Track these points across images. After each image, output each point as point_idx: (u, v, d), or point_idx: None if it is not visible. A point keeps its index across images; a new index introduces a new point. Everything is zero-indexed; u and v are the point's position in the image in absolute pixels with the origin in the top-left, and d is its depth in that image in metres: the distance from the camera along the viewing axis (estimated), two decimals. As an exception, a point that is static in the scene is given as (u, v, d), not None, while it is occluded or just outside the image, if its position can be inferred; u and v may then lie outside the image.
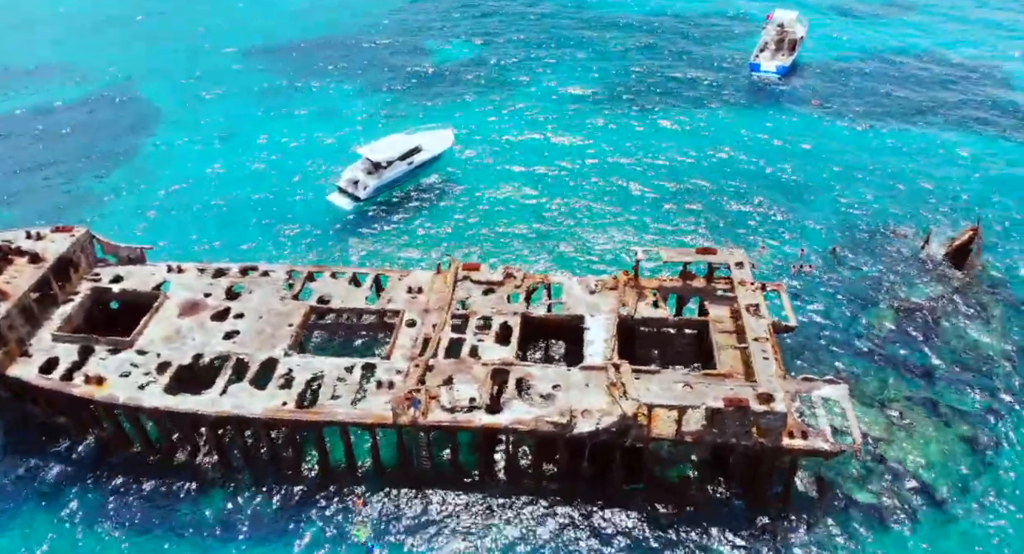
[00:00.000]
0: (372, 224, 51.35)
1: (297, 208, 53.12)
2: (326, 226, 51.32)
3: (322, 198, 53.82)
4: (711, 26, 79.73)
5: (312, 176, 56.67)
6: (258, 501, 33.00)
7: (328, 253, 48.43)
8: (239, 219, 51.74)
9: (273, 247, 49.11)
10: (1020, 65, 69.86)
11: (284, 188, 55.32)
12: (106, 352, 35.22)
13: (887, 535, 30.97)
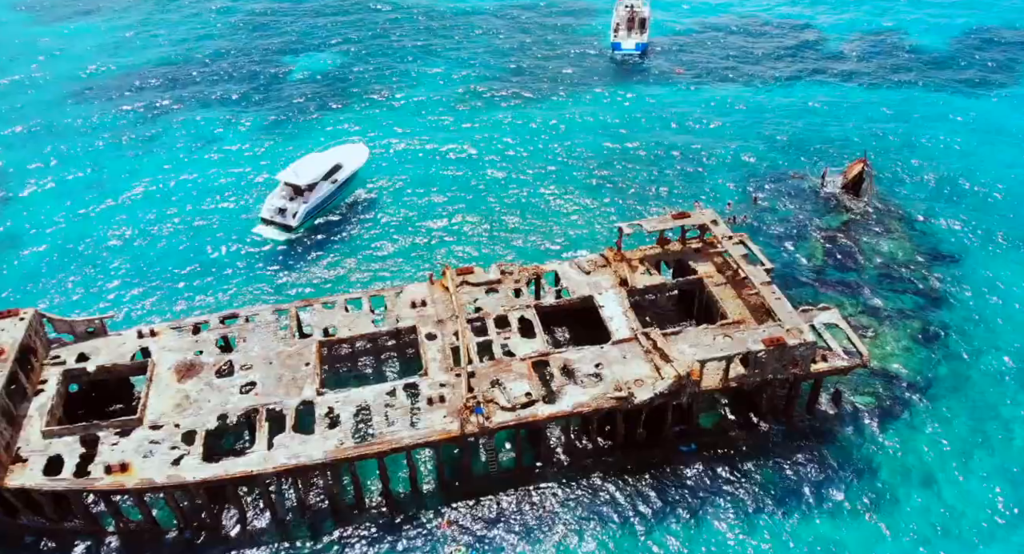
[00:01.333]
0: (311, 251, 49.41)
1: (221, 249, 49.70)
2: (262, 261, 48.60)
3: (245, 234, 50.78)
4: (563, 12, 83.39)
5: (222, 213, 53.08)
6: (336, 550, 31.73)
7: (275, 289, 46.06)
8: (159, 274, 47.35)
9: (211, 294, 45.74)
10: (830, 21, 79.94)
11: (195, 231, 51.37)
12: (114, 436, 31.86)
13: (893, 424, 36.11)
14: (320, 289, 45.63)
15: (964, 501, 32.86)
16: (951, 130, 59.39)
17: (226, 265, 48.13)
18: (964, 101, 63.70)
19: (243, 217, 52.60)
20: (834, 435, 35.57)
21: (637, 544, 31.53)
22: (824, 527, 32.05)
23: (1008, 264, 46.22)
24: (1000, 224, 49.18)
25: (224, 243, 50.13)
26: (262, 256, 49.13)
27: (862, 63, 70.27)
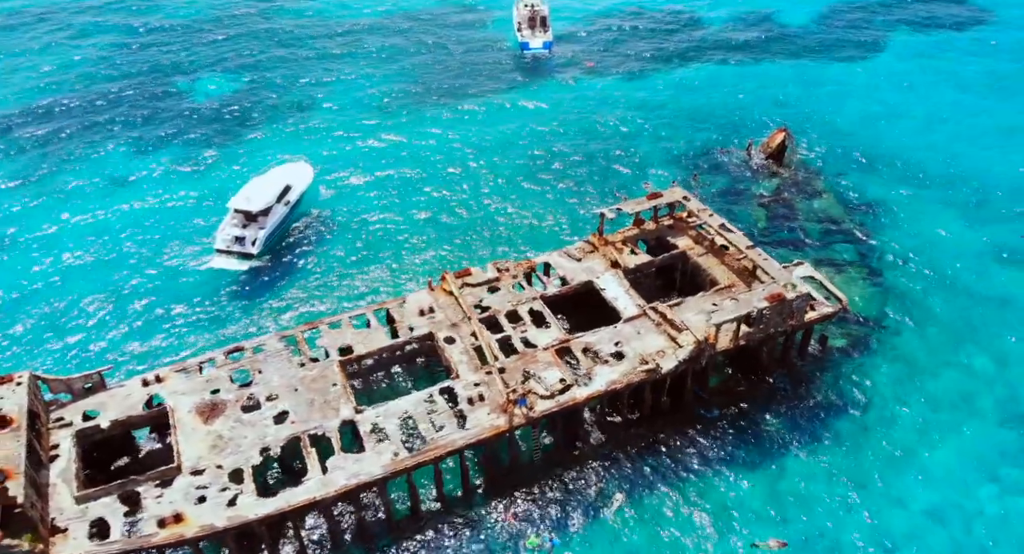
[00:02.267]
0: (278, 278, 48.04)
1: (178, 290, 47.00)
2: (227, 294, 46.66)
3: (200, 268, 48.67)
4: (458, 16, 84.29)
5: (166, 250, 50.32)
6: (408, 561, 31.85)
7: (250, 321, 44.64)
8: (118, 323, 44.32)
9: (184, 335, 43.54)
10: (705, 4, 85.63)
11: (144, 273, 48.31)
12: (156, 488, 30.31)
13: (870, 358, 40.56)
14: (300, 313, 44.77)
15: (937, 409, 37.83)
16: (838, 95, 65.91)
17: (190, 303, 45.78)
18: (842, 67, 70.72)
19: (190, 250, 50.22)
20: (828, 375, 39.46)
21: (689, 501, 33.78)
22: (842, 456, 35.70)
23: (918, 205, 52.34)
24: (899, 172, 55.44)
25: (180, 281, 47.69)
26: (226, 289, 47.23)
27: (746, 42, 76.07)
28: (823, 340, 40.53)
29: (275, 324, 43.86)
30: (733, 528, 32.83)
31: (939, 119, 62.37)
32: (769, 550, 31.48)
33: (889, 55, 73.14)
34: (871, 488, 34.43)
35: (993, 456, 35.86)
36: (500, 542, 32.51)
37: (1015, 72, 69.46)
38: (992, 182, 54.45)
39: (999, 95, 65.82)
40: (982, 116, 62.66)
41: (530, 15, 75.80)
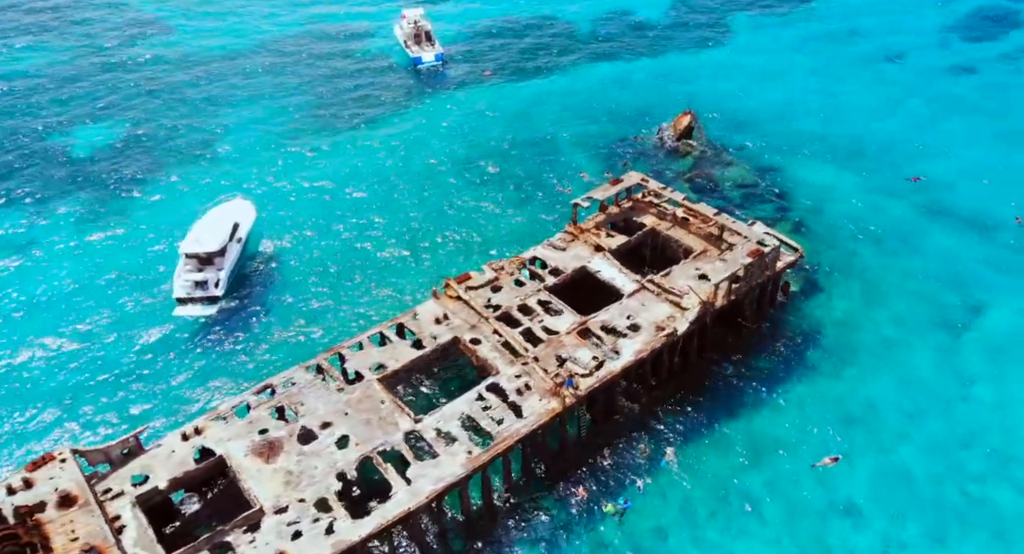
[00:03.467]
0: (250, 317, 46.72)
1: (149, 349, 44.34)
2: (201, 344, 44.71)
3: (164, 322, 46.18)
4: (336, 39, 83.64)
5: (117, 310, 47.28)
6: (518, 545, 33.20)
7: (238, 364, 43.34)
8: (96, 395, 41.26)
9: (171, 395, 41.24)
10: (573, 10, 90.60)
11: (101, 339, 45.18)
12: (245, 534, 29.52)
13: (821, 294, 46.70)
14: (290, 347, 44.15)
15: (879, 323, 44.86)
16: (712, 77, 73.13)
17: (167, 360, 43.62)
18: (708, 53, 78.42)
19: (147, 303, 47.66)
20: (797, 314, 44.97)
21: (730, 443, 37.67)
22: (832, 377, 41.22)
23: (810, 162, 59.88)
24: (787, 138, 62.93)
25: (147, 338, 45.13)
26: (200, 336, 45.40)
27: (620, 40, 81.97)
28: (785, 287, 45.94)
29: (269, 363, 42.96)
30: (780, 456, 37.19)
31: (805, 89, 71.10)
32: (826, 467, 35.94)
33: (742, 38, 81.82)
34: (872, 394, 40.44)
35: (938, 352, 42.94)
36: (577, 517, 34.59)
37: (845, 43, 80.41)
38: (862, 138, 63.23)
39: (839, 63, 75.95)
40: (835, 83, 72.19)
41: (415, 31, 77.45)
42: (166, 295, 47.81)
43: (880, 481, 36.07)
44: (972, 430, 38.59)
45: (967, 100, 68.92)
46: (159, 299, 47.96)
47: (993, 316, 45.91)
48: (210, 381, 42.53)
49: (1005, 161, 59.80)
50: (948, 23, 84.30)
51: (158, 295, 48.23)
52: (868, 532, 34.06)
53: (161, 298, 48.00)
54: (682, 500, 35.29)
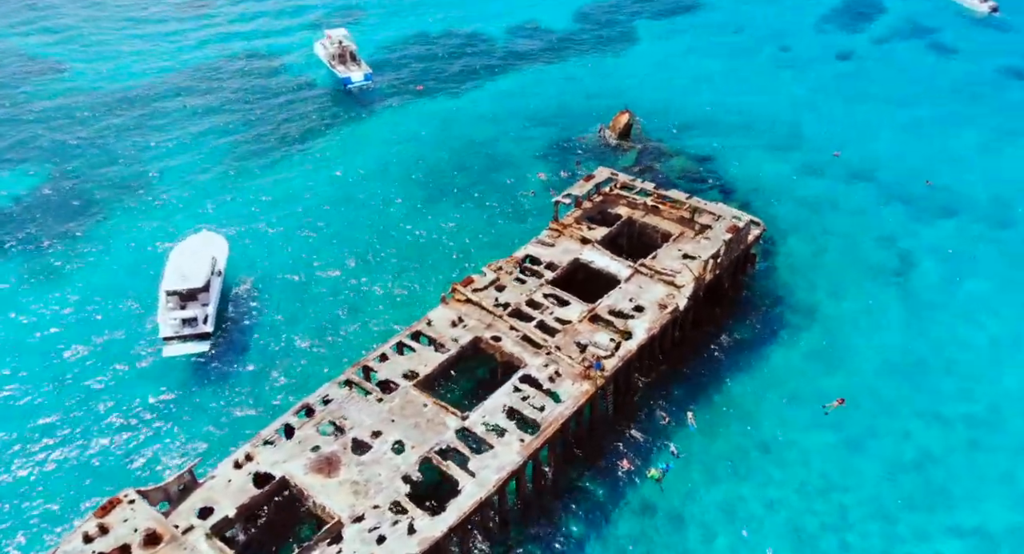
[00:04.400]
0: (245, 351, 45.94)
1: (143, 392, 43.06)
2: (198, 382, 43.67)
3: (152, 369, 44.67)
4: (248, 64, 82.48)
5: (102, 359, 45.48)
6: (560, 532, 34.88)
7: (242, 401, 42.66)
8: (103, 452, 39.69)
9: (175, 440, 40.28)
10: (489, 24, 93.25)
11: (90, 393, 43.01)
12: (329, 547, 29.89)
13: (780, 262, 51.37)
14: (294, 373, 44.12)
15: (843, 269, 50.46)
16: (631, 77, 77.81)
17: (164, 402, 42.44)
18: (623, 56, 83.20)
19: (133, 351, 46.05)
20: (766, 281, 49.40)
21: (740, 399, 41.40)
22: (814, 331, 45.94)
23: (737, 147, 65.18)
24: (712, 126, 68.29)
25: (141, 384, 43.71)
26: (197, 375, 44.48)
27: (535, 50, 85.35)
28: (753, 258, 50.18)
29: (277, 391, 42.85)
30: (785, 405, 41.20)
31: (715, 85, 76.81)
32: (834, 408, 39.95)
33: (647, 43, 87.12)
34: (842, 338, 45.67)
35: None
36: (621, 486, 36.94)
37: (737, 41, 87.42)
38: (776, 123, 69.38)
39: (738, 59, 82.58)
40: (740, 77, 78.50)
41: (339, 52, 77.80)
42: (147, 337, 46.50)
43: (868, 414, 40.73)
44: (926, 354, 44.73)
45: (855, 82, 76.90)
46: (142, 342, 46.54)
47: (921, 262, 52.25)
48: (220, 416, 41.92)
49: (903, 133, 67.46)
50: (822, 14, 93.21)
51: (139, 338, 46.81)
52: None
53: (145, 341, 46.59)
54: (711, 458, 38.44)
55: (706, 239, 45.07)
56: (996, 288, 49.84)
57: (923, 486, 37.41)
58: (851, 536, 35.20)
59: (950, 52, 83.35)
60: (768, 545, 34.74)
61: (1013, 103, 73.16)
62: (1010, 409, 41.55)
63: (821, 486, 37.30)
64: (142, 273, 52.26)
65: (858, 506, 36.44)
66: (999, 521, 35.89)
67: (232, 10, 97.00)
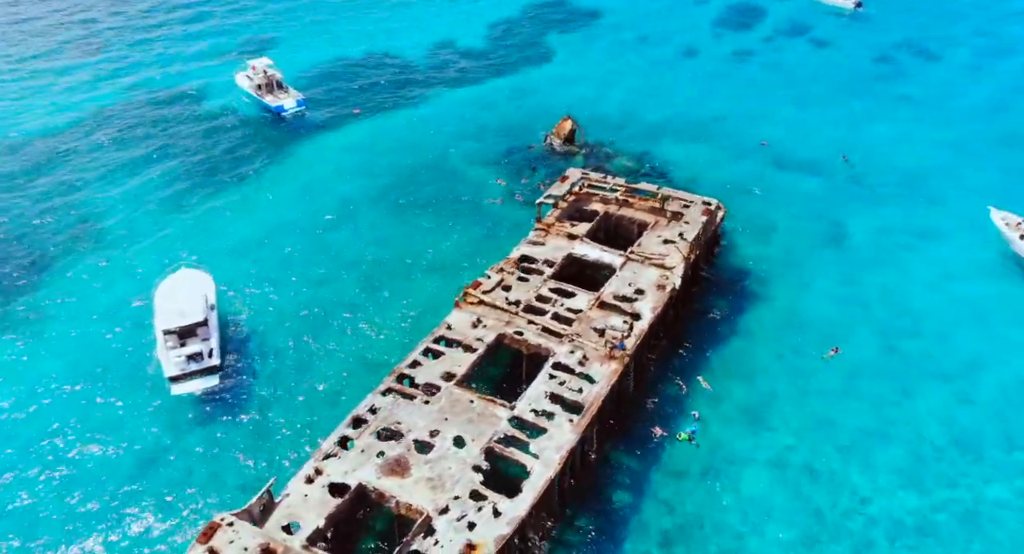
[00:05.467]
0: (252, 381, 45.86)
1: (158, 437, 42.20)
2: (218, 418, 43.53)
3: (162, 411, 43.94)
4: (177, 99, 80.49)
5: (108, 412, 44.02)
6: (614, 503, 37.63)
7: (268, 432, 42.74)
8: (121, 507, 38.74)
9: (209, 479, 39.95)
10: (410, 45, 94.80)
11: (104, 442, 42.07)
12: (426, 539, 31.25)
13: (739, 238, 56.41)
14: (312, 396, 44.71)
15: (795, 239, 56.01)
16: (561, 86, 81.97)
17: (186, 443, 41.88)
18: (546, 67, 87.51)
19: (133, 393, 45.06)
20: (732, 258, 54.32)
21: (742, 362, 45.81)
22: (783, 291, 51.14)
23: (671, 142, 70.65)
24: (645, 126, 73.51)
25: (152, 429, 42.98)
26: (210, 411, 44.13)
27: (458, 66, 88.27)
28: (718, 238, 54.95)
29: (298, 416, 43.36)
30: (783, 360, 45.93)
31: (634, 88, 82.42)
32: (831, 357, 44.98)
33: (562, 53, 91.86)
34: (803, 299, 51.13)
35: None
36: (658, 452, 40.22)
37: (643, 46, 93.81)
38: (700, 119, 75.47)
39: (648, 63, 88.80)
40: (654, 79, 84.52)
41: (266, 81, 77.67)
42: (149, 380, 45.69)
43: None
44: (871, 298, 51.45)
45: (757, 76, 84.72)
46: (147, 386, 45.59)
47: (853, 228, 58.84)
48: (249, 445, 41.94)
49: (809, 118, 75.20)
50: (712, 20, 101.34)
51: (142, 383, 45.84)
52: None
53: (149, 384, 45.65)
54: (729, 414, 42.42)
55: (686, 223, 49.33)
56: (911, 241, 57.26)
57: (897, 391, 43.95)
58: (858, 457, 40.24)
59: (828, 44, 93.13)
60: (795, 481, 38.97)
61: (885, 84, 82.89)
62: (931, 325, 49.16)
63: (826, 421, 42.41)
64: (120, 317, 51.07)
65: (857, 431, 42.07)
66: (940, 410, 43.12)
67: (136, 49, 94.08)
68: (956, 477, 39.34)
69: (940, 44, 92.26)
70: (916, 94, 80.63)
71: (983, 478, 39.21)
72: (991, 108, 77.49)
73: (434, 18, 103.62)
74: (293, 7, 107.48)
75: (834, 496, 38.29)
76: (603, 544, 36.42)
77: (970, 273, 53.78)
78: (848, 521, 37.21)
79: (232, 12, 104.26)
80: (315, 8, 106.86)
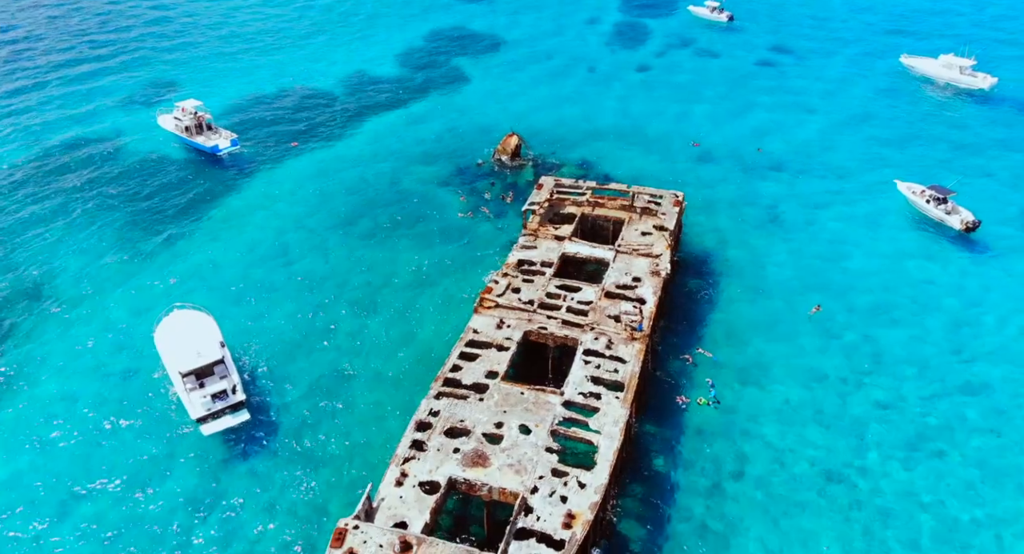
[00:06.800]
0: (279, 412, 46.33)
1: (199, 483, 41.78)
2: (254, 451, 43.72)
3: (197, 454, 43.49)
4: (95, 150, 76.79)
5: (135, 470, 42.99)
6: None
7: (300, 459, 43.45)
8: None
9: (266, 513, 40.30)
10: (328, 79, 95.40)
11: (140, 496, 41.26)
12: (527, 516, 33.68)
13: (694, 226, 62.37)
14: (344, 415, 45.86)
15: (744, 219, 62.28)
16: (483, 106, 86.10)
17: (231, 480, 42.06)
18: (462, 90, 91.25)
19: (163, 437, 44.34)
20: (693, 243, 60.09)
21: (725, 332, 51.06)
22: (747, 265, 57.04)
23: (610, 148, 76.34)
24: (584, 136, 78.88)
25: (191, 472, 42.59)
26: (245, 446, 44.19)
27: (382, 93, 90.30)
28: (681, 226, 60.48)
29: (339, 437, 44.50)
30: (765, 324, 51.61)
31: (553, 102, 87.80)
32: (817, 313, 51.13)
33: (478, 74, 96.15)
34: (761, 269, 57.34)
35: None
36: (683, 418, 44.59)
37: (550, 64, 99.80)
38: (619, 126, 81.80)
39: (560, 79, 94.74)
40: (572, 94, 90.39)
41: (195, 122, 76.70)
42: (175, 426, 45.16)
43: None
44: (820, 265, 58.85)
45: (663, 85, 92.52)
46: (172, 433, 44.93)
47: (784, 207, 66.48)
48: (293, 475, 42.46)
49: (718, 117, 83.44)
50: (606, 40, 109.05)
51: (165, 430, 45.12)
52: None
53: (174, 429, 45.03)
54: (732, 379, 47.47)
55: (663, 214, 54.45)
56: (835, 211, 65.69)
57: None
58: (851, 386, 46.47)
59: (715, 53, 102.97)
60: (801, 423, 44.59)
61: (772, 82, 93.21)
62: (875, 281, 56.52)
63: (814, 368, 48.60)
64: (116, 370, 49.69)
65: (834, 371, 48.68)
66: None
67: (41, 103, 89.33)
68: (900, 381, 47.30)
69: (805, 48, 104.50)
70: (798, 87, 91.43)
71: (925, 380, 47.08)
72: (858, 95, 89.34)
73: (339, 52, 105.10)
74: (193, 48, 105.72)
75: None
76: (658, 506, 40.08)
77: (893, 233, 62.54)
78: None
79: (135, 61, 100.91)
80: (217, 50, 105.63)
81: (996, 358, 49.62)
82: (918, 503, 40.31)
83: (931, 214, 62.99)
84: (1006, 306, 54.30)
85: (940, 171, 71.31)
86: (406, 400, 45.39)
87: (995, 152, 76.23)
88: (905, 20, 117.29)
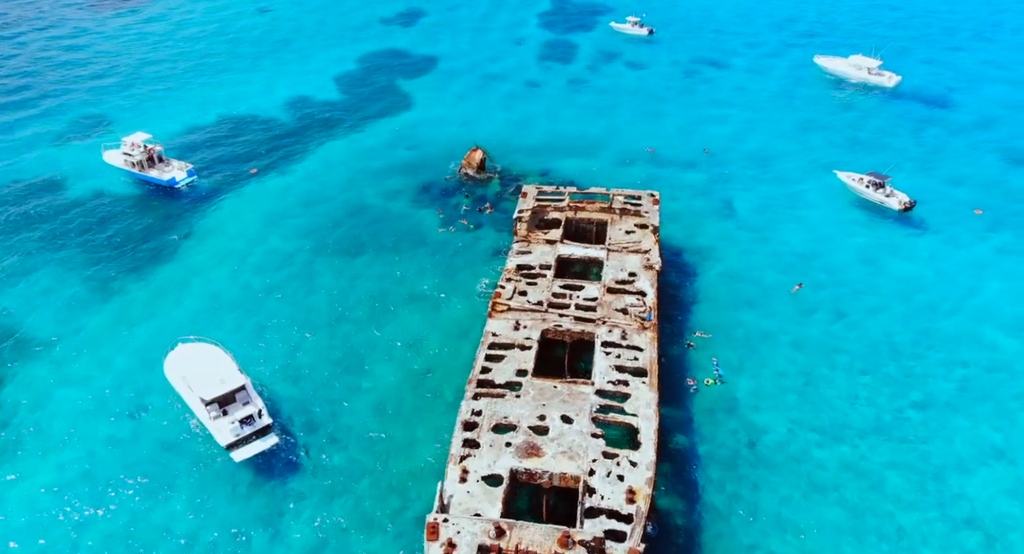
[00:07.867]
0: (305, 434, 46.66)
1: (241, 510, 41.91)
2: (288, 474, 43.98)
3: (232, 480, 43.39)
4: (35, 190, 73.56)
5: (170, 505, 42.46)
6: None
7: (336, 477, 44.08)
8: None
9: (314, 532, 40.94)
10: (269, 105, 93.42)
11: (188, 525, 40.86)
12: (591, 497, 35.79)
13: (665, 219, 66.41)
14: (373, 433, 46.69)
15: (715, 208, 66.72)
16: (437, 124, 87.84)
17: (273, 505, 42.32)
18: (411, 111, 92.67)
19: (203, 477, 43.79)
20: (664, 235, 64.01)
21: (713, 316, 54.61)
22: (730, 251, 61.16)
23: (566, 159, 79.51)
24: (546, 148, 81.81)
25: (234, 502, 42.52)
26: (279, 470, 44.37)
27: (326, 118, 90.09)
28: (655, 224, 64.42)
29: (372, 450, 45.43)
30: (749, 304, 55.99)
31: (500, 116, 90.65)
32: (797, 291, 55.54)
33: (422, 98, 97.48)
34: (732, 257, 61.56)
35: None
36: (691, 399, 47.80)
37: (488, 83, 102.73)
38: (568, 136, 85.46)
39: (505, 95, 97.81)
40: (516, 108, 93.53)
41: (147, 156, 75.08)
42: (204, 457, 44.81)
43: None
44: (780, 250, 63.66)
45: (598, 96, 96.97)
46: (203, 462, 44.59)
47: (738, 202, 71.57)
48: (331, 492, 43.06)
49: (661, 124, 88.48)
50: (537, 55, 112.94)
51: (196, 462, 44.70)
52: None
53: (203, 460, 44.68)
54: (733, 354, 51.34)
55: (646, 213, 57.97)
56: (784, 201, 71.24)
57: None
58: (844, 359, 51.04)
59: (642, 65, 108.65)
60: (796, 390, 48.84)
61: (701, 88, 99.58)
62: (834, 259, 61.85)
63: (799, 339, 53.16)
64: (126, 409, 48.62)
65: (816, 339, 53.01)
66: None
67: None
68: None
69: (725, 56, 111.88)
70: (724, 94, 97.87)
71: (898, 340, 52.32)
72: (783, 96, 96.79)
73: (274, 79, 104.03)
74: (117, 83, 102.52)
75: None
76: (689, 480, 42.95)
77: (840, 215, 68.57)
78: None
79: (56, 98, 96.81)
80: (145, 81, 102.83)
81: (950, 310, 56.11)
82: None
83: (871, 198, 69.45)
84: (950, 268, 61.32)
85: (862, 159, 78.56)
86: (424, 407, 47.55)
87: (904, 142, 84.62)
88: (819, 25, 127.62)
